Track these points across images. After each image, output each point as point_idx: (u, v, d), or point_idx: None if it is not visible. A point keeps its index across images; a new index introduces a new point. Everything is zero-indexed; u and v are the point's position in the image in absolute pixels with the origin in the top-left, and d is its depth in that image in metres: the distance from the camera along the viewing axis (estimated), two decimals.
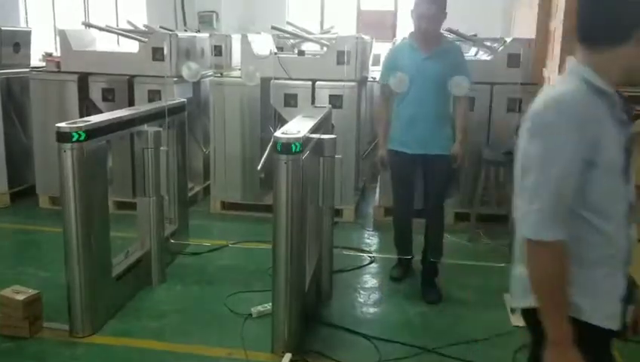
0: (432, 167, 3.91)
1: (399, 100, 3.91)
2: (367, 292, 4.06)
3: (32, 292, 3.29)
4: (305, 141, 3.05)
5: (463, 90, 3.91)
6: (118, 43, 7.16)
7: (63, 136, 3.05)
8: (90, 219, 3.23)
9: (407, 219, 4.11)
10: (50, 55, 7.41)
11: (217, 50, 6.76)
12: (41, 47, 7.65)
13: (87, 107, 5.46)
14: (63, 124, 3.10)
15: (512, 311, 3.61)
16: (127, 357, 3.12)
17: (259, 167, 5.29)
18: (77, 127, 3.08)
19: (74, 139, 3.05)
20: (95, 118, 3.36)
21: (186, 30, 8.87)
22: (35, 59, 6.56)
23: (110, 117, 3.49)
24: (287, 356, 3.01)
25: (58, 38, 5.62)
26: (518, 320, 3.56)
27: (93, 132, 3.15)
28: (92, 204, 3.25)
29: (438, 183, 3.96)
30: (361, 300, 3.92)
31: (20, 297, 3.21)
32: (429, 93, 3.81)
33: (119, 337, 3.31)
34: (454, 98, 4.02)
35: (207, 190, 5.94)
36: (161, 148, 3.84)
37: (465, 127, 4.02)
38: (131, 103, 5.27)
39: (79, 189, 3.13)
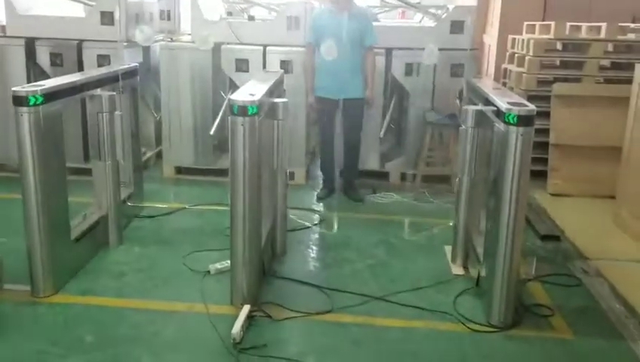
0: (350, 108, 5.02)
1: (322, 56, 4.88)
2: (319, 248, 4.28)
3: None
4: (261, 104, 3.18)
5: (434, 58, 5.08)
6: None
7: (20, 100, 3.08)
8: (48, 182, 3.29)
9: (331, 150, 5.25)
10: None
11: (165, 15, 6.72)
12: None
13: (34, 72, 5.39)
14: (19, 88, 3.13)
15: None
16: (89, 314, 3.23)
17: (211, 132, 5.41)
18: (34, 90, 3.11)
19: (31, 103, 3.08)
20: (51, 82, 3.38)
21: None
22: None
23: (66, 80, 3.52)
24: (246, 307, 3.19)
25: (2, 3, 5.48)
26: (458, 270, 3.87)
27: (50, 95, 3.19)
28: (50, 167, 3.30)
29: (355, 121, 5.08)
30: (314, 255, 4.13)
31: None
32: (347, 49, 4.84)
33: (80, 296, 3.41)
34: (364, 51, 4.93)
35: (159, 155, 6.00)
36: (116, 112, 3.89)
37: (373, 74, 5.05)
38: (80, 68, 5.26)
39: (37, 153, 3.18)
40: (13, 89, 3.12)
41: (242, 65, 5.44)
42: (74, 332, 3.05)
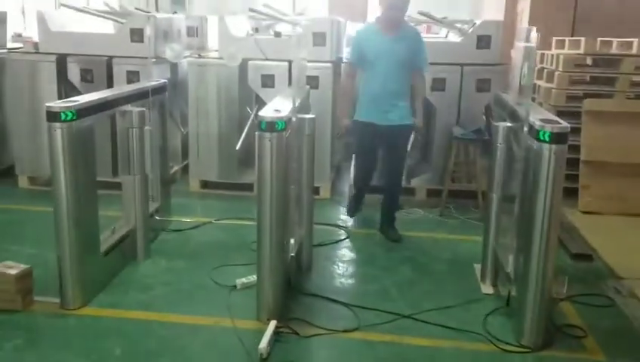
0: (394, 136, 4.49)
1: (366, 77, 4.45)
2: (345, 264, 4.25)
3: (23, 266, 3.39)
4: (288, 120, 3.19)
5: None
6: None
7: (54, 116, 3.13)
8: (79, 195, 3.33)
9: (368, 180, 4.84)
10: (19, 35, 7.36)
11: (193, 32, 6.82)
12: (9, 28, 7.56)
13: (65, 88, 5.50)
14: (52, 104, 3.19)
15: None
16: (118, 327, 3.25)
17: (237, 147, 5.44)
18: (67, 106, 3.17)
19: (64, 118, 3.13)
20: (83, 98, 3.44)
21: (157, 11, 8.86)
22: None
23: (98, 97, 3.57)
24: (273, 323, 3.18)
25: (34, 20, 5.61)
26: (487, 288, 3.80)
27: (82, 111, 3.24)
28: (81, 181, 3.34)
29: (398, 150, 4.58)
30: (340, 271, 4.11)
31: (13, 271, 3.31)
32: (393, 72, 4.36)
33: (109, 309, 3.44)
34: (412, 74, 4.47)
35: (185, 169, 6.05)
36: (145, 127, 3.93)
37: (423, 100, 4.65)
38: (110, 84, 5.34)
39: (69, 167, 3.22)
40: (47, 105, 3.18)
41: (268, 81, 5.48)
42: (103, 345, 3.07)
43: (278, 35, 5.99)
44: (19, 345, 3.05)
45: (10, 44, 6.27)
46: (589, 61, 5.41)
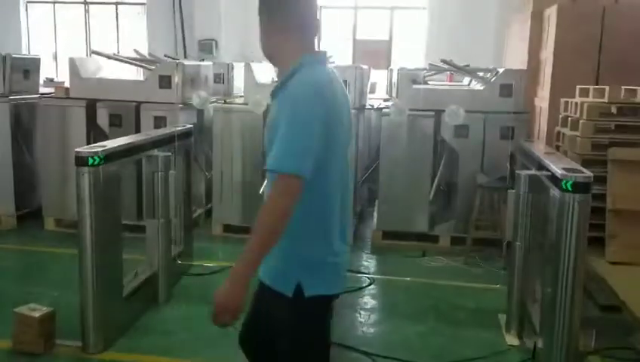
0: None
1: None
2: (367, 312, 4.19)
3: (46, 309, 3.41)
4: None
5: (459, 118, 4.17)
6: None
7: (82, 160, 3.22)
8: (104, 239, 3.37)
9: None
10: (51, 80, 7.62)
11: (218, 78, 6.97)
12: (42, 73, 7.84)
13: (94, 132, 5.62)
14: (81, 149, 3.28)
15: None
16: None
17: (260, 191, 5.46)
18: (95, 151, 3.25)
19: (92, 163, 3.21)
20: (111, 143, 3.53)
21: (185, 57, 9.10)
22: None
23: (125, 142, 3.66)
24: None
25: (66, 66, 5.80)
26: (512, 340, 3.71)
27: (110, 156, 3.32)
28: (106, 224, 3.39)
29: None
30: (362, 320, 4.05)
31: (36, 314, 3.33)
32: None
33: (130, 354, 3.43)
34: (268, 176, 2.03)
35: (208, 213, 6.09)
36: (170, 171, 4.00)
37: (258, 238, 1.96)
38: (138, 129, 5.45)
39: (95, 211, 3.28)
40: (76, 150, 3.27)
41: None
42: None
43: None
44: None
45: (42, 89, 6.47)
46: (613, 110, 5.38)
